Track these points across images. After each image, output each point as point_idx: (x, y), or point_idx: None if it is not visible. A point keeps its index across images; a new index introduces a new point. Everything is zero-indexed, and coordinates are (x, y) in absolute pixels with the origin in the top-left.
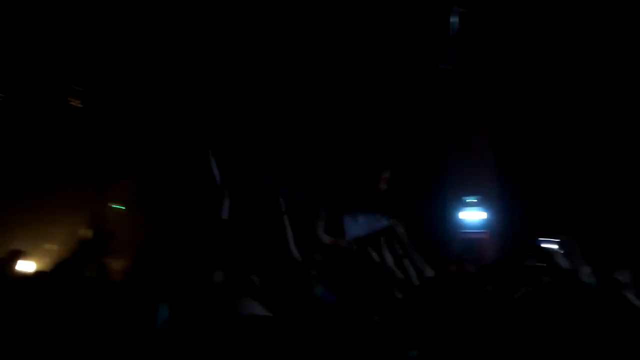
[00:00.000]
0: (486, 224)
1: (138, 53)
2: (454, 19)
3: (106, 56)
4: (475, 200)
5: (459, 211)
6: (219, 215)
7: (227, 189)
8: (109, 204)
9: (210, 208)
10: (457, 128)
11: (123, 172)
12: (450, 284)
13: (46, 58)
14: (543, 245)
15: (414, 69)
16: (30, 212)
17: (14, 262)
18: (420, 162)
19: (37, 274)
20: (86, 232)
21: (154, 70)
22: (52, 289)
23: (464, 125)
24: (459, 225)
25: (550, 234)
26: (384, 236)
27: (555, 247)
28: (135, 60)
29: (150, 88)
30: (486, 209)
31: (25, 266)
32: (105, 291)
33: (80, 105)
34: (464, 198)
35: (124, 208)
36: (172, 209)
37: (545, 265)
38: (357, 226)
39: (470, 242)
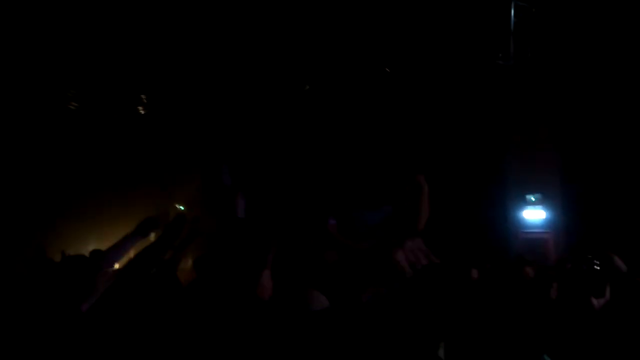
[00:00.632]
0: (548, 223)
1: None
2: (514, 13)
3: (171, 64)
4: (537, 198)
5: (520, 210)
6: (234, 215)
7: (241, 190)
8: (174, 204)
9: (226, 208)
10: (518, 124)
11: (188, 172)
12: (527, 286)
13: (115, 67)
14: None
15: (473, 65)
16: (101, 213)
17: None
18: (479, 160)
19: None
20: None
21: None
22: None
23: (526, 121)
24: (520, 224)
25: None
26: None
27: None
28: (197, 66)
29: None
30: (548, 207)
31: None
32: (171, 290)
33: (144, 112)
34: (525, 196)
35: (187, 208)
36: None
37: (603, 268)
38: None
39: (531, 242)
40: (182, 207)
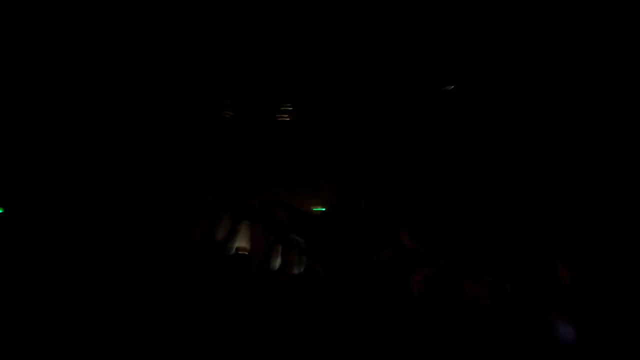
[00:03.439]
0: None
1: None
2: None
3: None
4: None
5: None
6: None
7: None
8: (311, 207)
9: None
10: None
11: (327, 176)
12: None
13: (261, 78)
14: None
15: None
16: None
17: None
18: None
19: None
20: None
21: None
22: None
23: None
24: None
25: None
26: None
27: None
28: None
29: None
30: None
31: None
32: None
33: (289, 119)
34: None
35: (325, 210)
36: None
37: None
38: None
39: None
40: (322, 210)
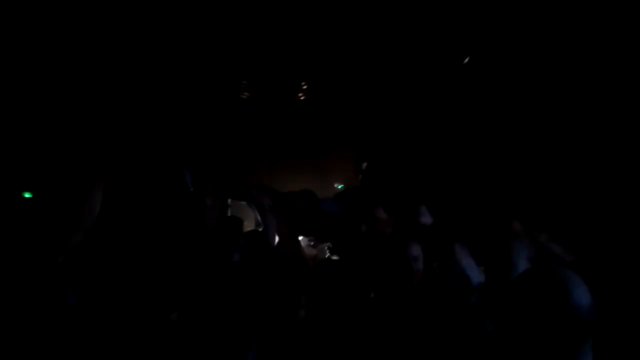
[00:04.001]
0: None
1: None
2: None
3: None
4: None
5: None
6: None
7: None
8: (332, 184)
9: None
10: None
11: (344, 154)
12: None
13: (277, 60)
14: None
15: None
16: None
17: None
18: None
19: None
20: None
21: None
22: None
23: None
24: None
25: None
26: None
27: None
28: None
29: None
30: None
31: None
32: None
33: (303, 98)
34: None
35: (342, 186)
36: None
37: None
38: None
39: None
40: (340, 186)
